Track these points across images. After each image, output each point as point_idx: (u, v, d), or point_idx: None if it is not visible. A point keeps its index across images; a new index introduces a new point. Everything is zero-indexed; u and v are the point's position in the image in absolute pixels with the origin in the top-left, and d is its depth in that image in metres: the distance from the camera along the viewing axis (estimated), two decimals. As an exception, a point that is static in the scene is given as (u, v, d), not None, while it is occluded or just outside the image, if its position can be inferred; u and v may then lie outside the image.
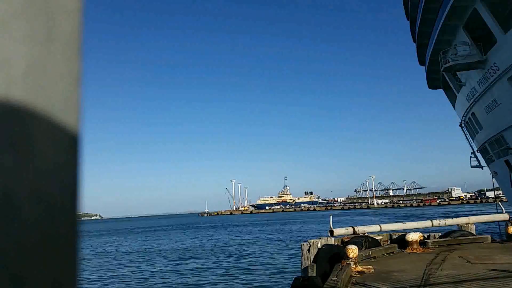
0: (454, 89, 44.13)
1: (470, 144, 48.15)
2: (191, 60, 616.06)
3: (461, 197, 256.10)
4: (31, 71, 0.73)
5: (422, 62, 50.62)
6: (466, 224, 18.54)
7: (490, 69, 33.65)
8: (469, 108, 41.72)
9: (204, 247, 52.64)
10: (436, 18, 39.59)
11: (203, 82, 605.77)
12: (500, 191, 50.53)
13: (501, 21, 31.64)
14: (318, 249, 17.00)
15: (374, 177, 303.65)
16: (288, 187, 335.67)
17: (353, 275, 13.68)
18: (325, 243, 17.34)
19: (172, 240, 64.64)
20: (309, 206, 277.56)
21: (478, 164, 48.87)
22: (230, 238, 62.65)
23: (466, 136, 47.71)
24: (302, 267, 17.39)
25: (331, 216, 18.56)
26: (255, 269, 32.46)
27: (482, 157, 47.16)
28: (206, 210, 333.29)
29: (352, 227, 18.26)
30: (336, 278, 12.24)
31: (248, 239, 59.04)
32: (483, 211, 56.80)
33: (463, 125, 46.89)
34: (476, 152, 48.20)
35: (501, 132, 36.74)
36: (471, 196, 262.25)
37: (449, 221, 19.39)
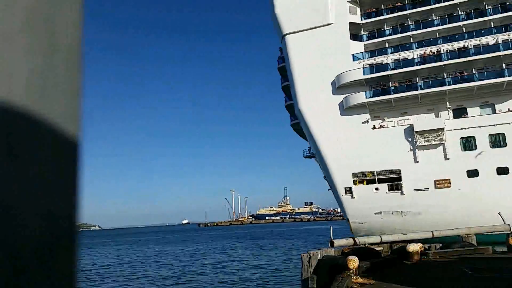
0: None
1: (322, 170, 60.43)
2: (197, 66, 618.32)
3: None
4: (33, 82, 0.76)
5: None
6: (467, 235, 18.46)
7: None
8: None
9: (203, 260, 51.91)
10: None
11: (203, 84, 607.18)
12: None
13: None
14: (319, 260, 16.87)
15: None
16: (288, 198, 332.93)
17: (354, 286, 13.60)
18: (325, 254, 17.21)
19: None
20: (309, 217, 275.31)
21: (329, 188, 60.87)
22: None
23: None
24: (303, 278, 17.27)
25: (331, 227, 18.48)
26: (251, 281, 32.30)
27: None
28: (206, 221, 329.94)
29: (353, 238, 18.12)
30: (336, 290, 12.09)
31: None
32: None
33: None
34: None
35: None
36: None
37: (450, 232, 19.30)
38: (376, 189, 54.03)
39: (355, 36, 57.47)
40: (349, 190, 55.46)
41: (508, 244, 16.84)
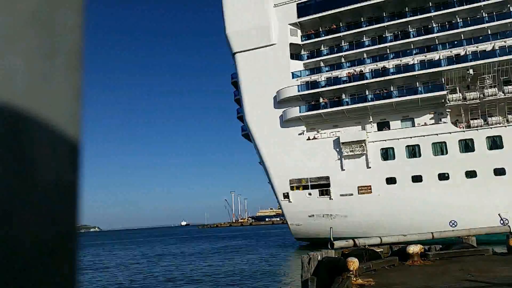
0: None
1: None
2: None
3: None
4: (34, 85, 0.71)
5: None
6: (467, 236, 17.35)
7: None
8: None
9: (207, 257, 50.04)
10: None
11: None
12: None
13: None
14: (318, 261, 15.46)
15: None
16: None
17: (354, 288, 12.35)
18: (325, 255, 15.71)
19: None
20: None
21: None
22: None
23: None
24: (302, 280, 15.70)
25: (331, 228, 16.96)
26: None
27: None
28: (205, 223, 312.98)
29: (353, 239, 16.74)
30: (336, 291, 10.67)
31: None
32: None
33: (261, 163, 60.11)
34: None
35: None
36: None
37: (450, 233, 18.19)
38: (309, 194, 54.48)
39: (296, 56, 58.02)
40: (286, 195, 55.76)
41: (508, 245, 15.79)
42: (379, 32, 54.47)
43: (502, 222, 40.96)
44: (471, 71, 47.46)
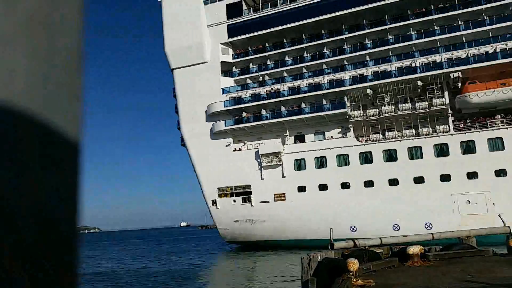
0: None
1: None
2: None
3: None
4: (34, 85, 0.67)
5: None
6: (467, 237, 15.99)
7: None
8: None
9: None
10: None
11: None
12: None
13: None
14: (319, 262, 13.69)
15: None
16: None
17: (354, 288, 10.78)
18: (325, 256, 13.84)
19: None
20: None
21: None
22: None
23: None
24: (302, 281, 13.78)
25: (331, 229, 15.04)
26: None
27: None
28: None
29: (353, 240, 14.92)
30: (336, 292, 9.48)
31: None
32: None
33: None
34: None
35: None
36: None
37: (450, 234, 16.77)
38: (234, 201, 53.82)
39: (229, 72, 57.43)
40: (214, 202, 54.91)
41: (508, 245, 14.57)
42: (300, 52, 54.37)
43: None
44: (369, 91, 48.30)
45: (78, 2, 0.70)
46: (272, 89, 54.63)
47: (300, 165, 50.82)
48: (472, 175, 42.53)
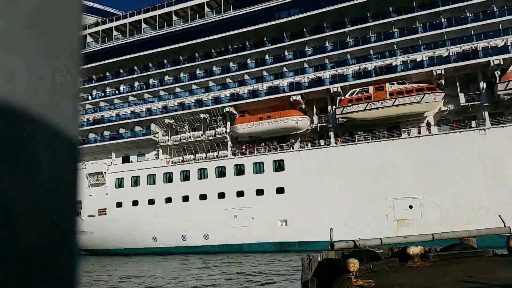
0: None
1: None
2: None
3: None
4: (34, 85, 0.68)
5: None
6: (468, 237, 15.87)
7: None
8: None
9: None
10: None
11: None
12: None
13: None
14: (319, 262, 13.10)
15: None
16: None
17: (354, 289, 10.67)
18: (325, 256, 13.45)
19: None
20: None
21: None
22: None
23: None
24: (303, 281, 13.32)
25: (331, 229, 14.64)
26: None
27: None
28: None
29: (353, 241, 14.52)
30: (337, 292, 9.37)
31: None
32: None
33: None
34: None
35: None
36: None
37: (450, 235, 16.61)
38: None
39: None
40: None
41: (509, 246, 14.53)
42: (131, 81, 61.31)
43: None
44: (172, 120, 55.71)
45: (78, 1, 0.70)
46: (97, 115, 60.60)
47: (120, 183, 56.19)
48: (240, 193, 48.83)
